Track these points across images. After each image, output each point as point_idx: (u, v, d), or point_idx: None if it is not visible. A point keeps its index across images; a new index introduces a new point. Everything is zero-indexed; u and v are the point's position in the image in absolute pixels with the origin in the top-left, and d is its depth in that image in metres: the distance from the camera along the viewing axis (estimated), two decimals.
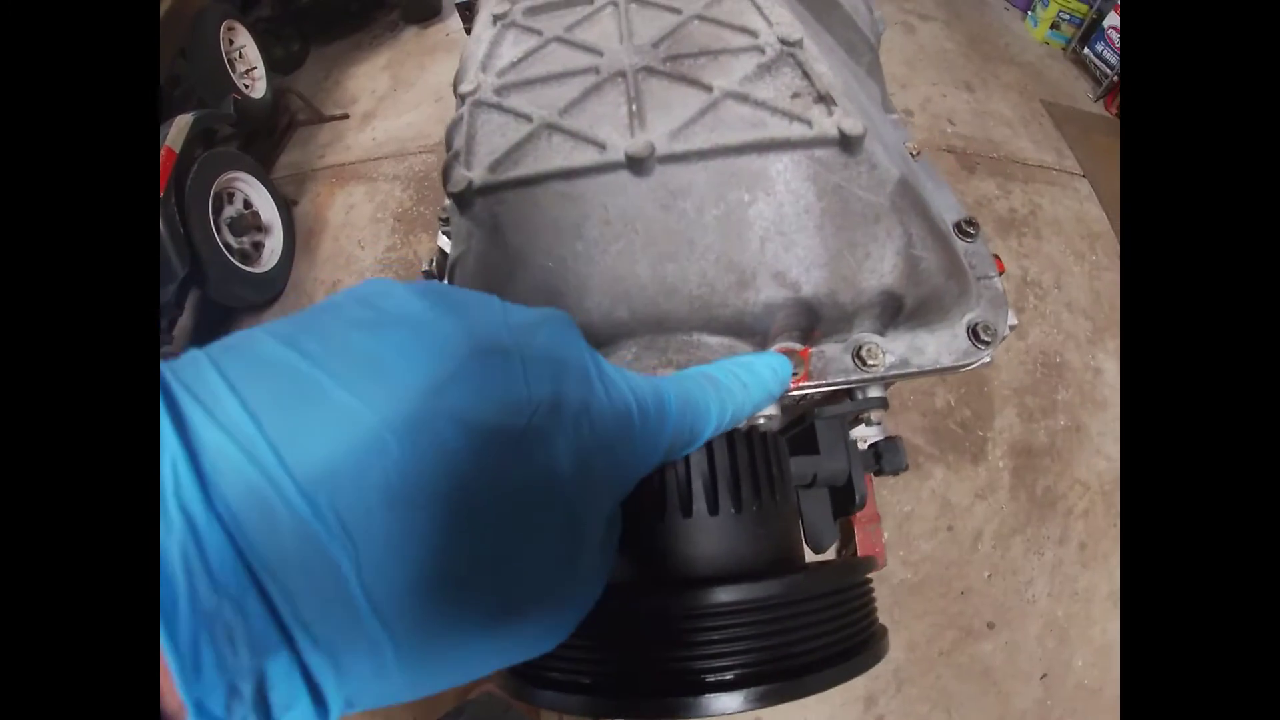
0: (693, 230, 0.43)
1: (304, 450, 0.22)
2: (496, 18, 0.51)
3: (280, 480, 0.21)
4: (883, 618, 0.79)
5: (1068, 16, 3.49)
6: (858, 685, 1.76)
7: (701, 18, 0.49)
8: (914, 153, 0.63)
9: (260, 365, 0.24)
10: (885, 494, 1.99)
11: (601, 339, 0.45)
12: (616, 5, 0.51)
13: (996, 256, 0.59)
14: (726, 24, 0.49)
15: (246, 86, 3.00)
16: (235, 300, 2.43)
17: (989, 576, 1.94)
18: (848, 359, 0.51)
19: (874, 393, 0.56)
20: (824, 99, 0.45)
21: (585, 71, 0.46)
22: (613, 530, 0.31)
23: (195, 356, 0.24)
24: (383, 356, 0.25)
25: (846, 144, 0.43)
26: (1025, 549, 1.98)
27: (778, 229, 0.44)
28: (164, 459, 0.20)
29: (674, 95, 0.45)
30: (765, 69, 0.46)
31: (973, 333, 0.54)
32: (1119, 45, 3.15)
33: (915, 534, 1.97)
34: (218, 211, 2.36)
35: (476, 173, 0.42)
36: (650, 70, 0.46)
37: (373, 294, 0.28)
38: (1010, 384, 2.24)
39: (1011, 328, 0.55)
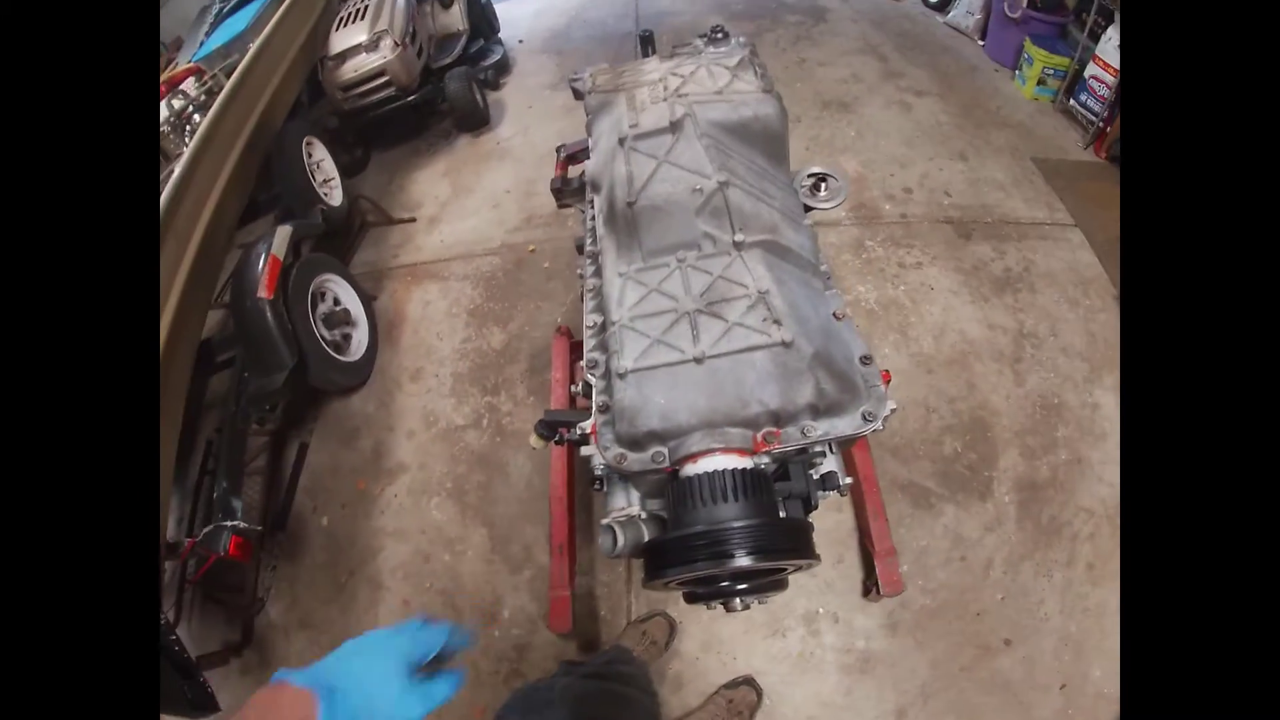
0: (723, 385, 0.91)
1: None
2: (621, 274, 0.99)
3: None
4: (906, 638, 1.26)
5: (1052, 71, 3.80)
6: (888, 698, 2.02)
7: (722, 278, 0.97)
8: (839, 316, 1.02)
9: None
10: (902, 532, 2.27)
11: (684, 431, 0.91)
12: (681, 264, 0.96)
13: (885, 371, 0.97)
14: (734, 280, 0.98)
15: (326, 195, 3.43)
16: (331, 385, 2.84)
17: (1002, 599, 2.16)
18: (797, 433, 0.92)
19: (818, 449, 0.96)
20: (778, 322, 0.88)
21: (669, 311, 0.98)
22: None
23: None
24: None
25: (785, 344, 0.87)
26: (1035, 572, 2.20)
27: (758, 381, 0.90)
28: None
29: (711, 324, 0.95)
30: (751, 307, 0.94)
31: (863, 416, 0.93)
32: (1103, 94, 3.43)
33: (931, 565, 2.23)
34: (314, 309, 2.78)
35: (626, 362, 0.92)
36: (700, 310, 0.97)
37: None
38: (1011, 427, 2.51)
39: (892, 410, 0.94)
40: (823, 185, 1.26)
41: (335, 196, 3.53)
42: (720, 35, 1.47)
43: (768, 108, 1.23)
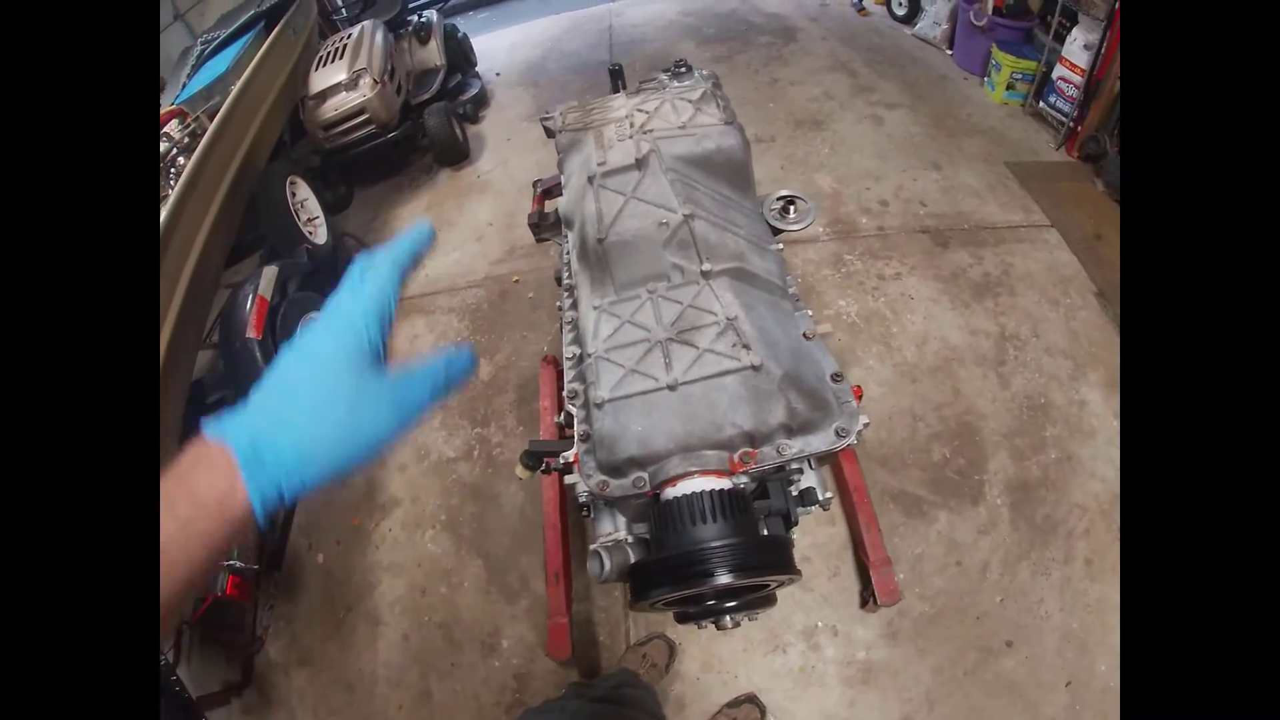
0: (696, 409, 0.93)
1: None
2: (595, 307, 1.03)
3: None
4: (907, 646, 1.27)
5: (1020, 75, 3.88)
6: (893, 708, 2.02)
7: (692, 306, 1.01)
8: (809, 336, 1.05)
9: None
10: (896, 541, 2.28)
11: (662, 457, 0.93)
12: (652, 295, 0.99)
13: (857, 387, 1.00)
14: (703, 309, 1.01)
15: (311, 233, 3.47)
16: None
17: (1001, 601, 2.16)
18: (773, 452, 0.94)
19: (794, 467, 0.98)
20: (747, 346, 0.91)
21: (642, 341, 1.00)
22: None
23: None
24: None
25: (755, 368, 0.90)
26: (1032, 572, 2.21)
27: (730, 405, 0.92)
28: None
29: (683, 351, 0.97)
30: (721, 333, 0.97)
31: (836, 432, 0.95)
32: (1071, 95, 3.50)
33: (927, 572, 2.24)
34: None
35: (603, 393, 0.95)
36: (671, 340, 0.99)
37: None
38: (999, 430, 2.53)
39: (866, 425, 0.96)
40: (791, 208, 1.30)
41: (320, 234, 3.56)
42: (683, 69, 1.51)
43: (730, 139, 1.26)
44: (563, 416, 1.06)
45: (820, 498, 0.99)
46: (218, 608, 2.20)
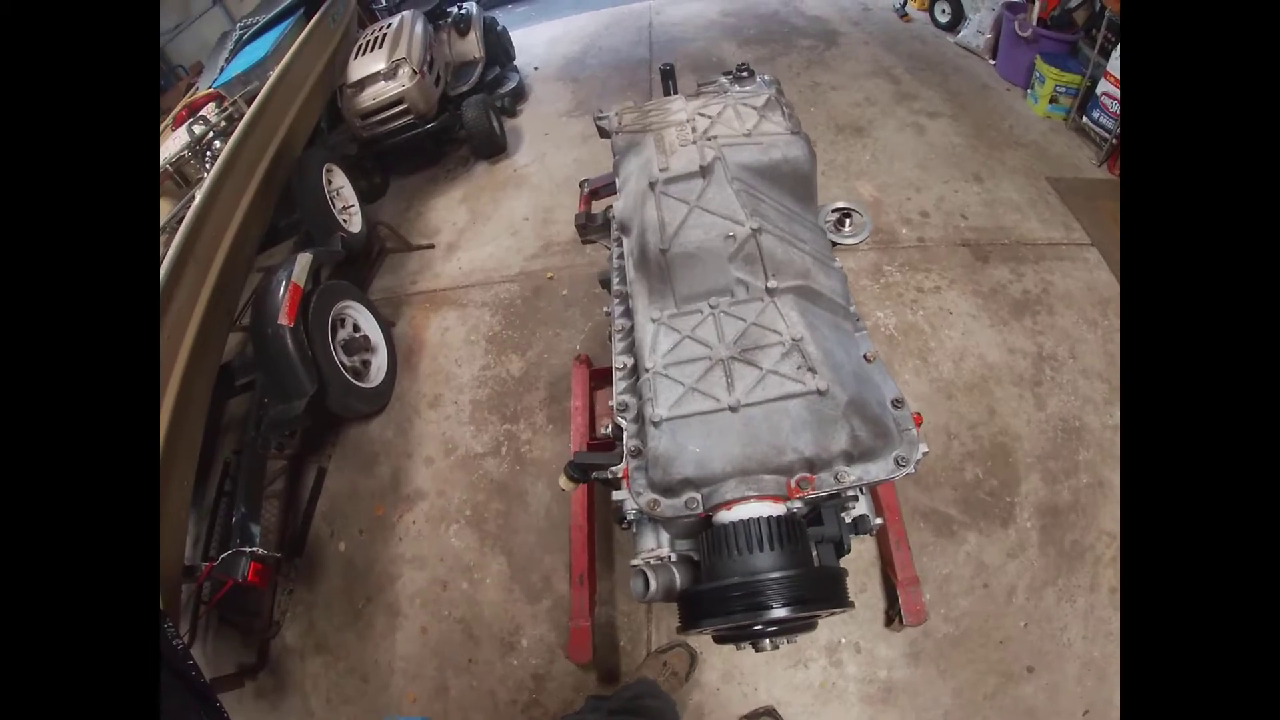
0: (757, 432, 0.91)
1: None
2: (654, 320, 0.99)
3: None
4: (929, 667, 1.24)
5: (1064, 89, 3.81)
6: None
7: (756, 324, 0.98)
8: (870, 358, 1.02)
9: None
10: (925, 560, 2.25)
11: (718, 479, 0.91)
12: (714, 310, 0.97)
13: (917, 414, 0.97)
14: (767, 327, 0.99)
15: (345, 221, 3.46)
16: (350, 411, 2.84)
17: (1025, 626, 2.14)
18: (831, 479, 0.92)
19: (850, 494, 0.96)
20: (812, 369, 0.88)
21: (703, 358, 0.98)
22: None
23: None
24: None
25: (820, 393, 0.86)
26: (1058, 598, 2.18)
27: (792, 430, 0.89)
28: None
29: (746, 371, 0.95)
30: (785, 354, 0.94)
31: (896, 461, 0.92)
32: (1115, 111, 3.43)
33: (954, 593, 2.21)
34: (333, 335, 2.80)
35: (661, 411, 0.92)
36: (734, 358, 0.97)
37: None
38: (1033, 453, 2.49)
39: (924, 453, 0.93)
40: (847, 220, 1.27)
41: (355, 223, 3.56)
42: (745, 73, 1.48)
43: (796, 149, 1.23)
44: (610, 428, 1.04)
45: (872, 524, 0.96)
46: (236, 592, 2.21)
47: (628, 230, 1.18)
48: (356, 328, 3.01)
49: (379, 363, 3.05)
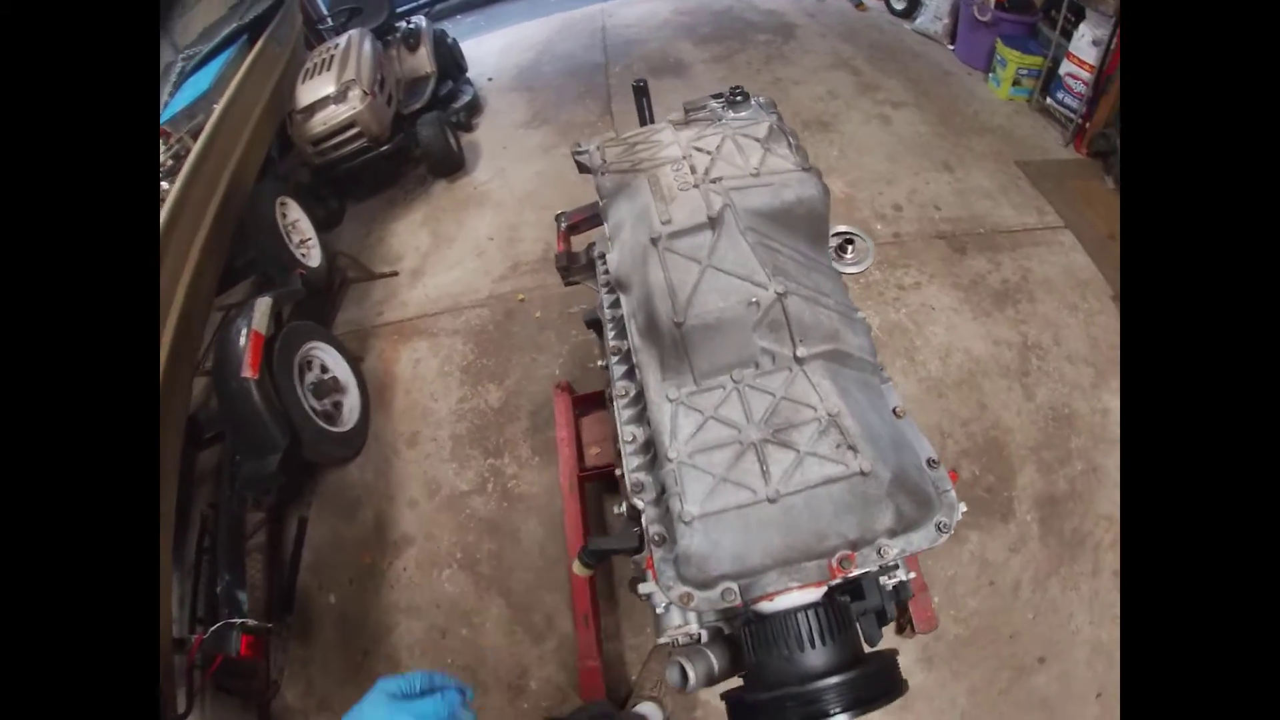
0: (798, 521, 0.85)
1: None
2: (671, 399, 0.92)
3: None
4: (943, 669, 1.17)
5: (1026, 71, 3.84)
6: None
7: (786, 398, 0.91)
8: (899, 414, 0.96)
9: None
10: (930, 564, 2.23)
11: (759, 571, 0.84)
12: (738, 385, 0.93)
13: (953, 471, 0.92)
14: (799, 401, 0.91)
15: (303, 256, 3.30)
16: (326, 458, 2.70)
17: (1033, 618, 2.15)
18: (874, 554, 0.86)
19: (890, 564, 0.91)
20: (853, 448, 0.83)
21: (732, 443, 0.90)
22: None
23: None
24: None
25: (864, 473, 0.82)
26: (1062, 587, 2.20)
27: (835, 514, 0.85)
28: None
29: (781, 454, 0.88)
30: (822, 432, 0.88)
31: (938, 527, 0.88)
32: (1079, 91, 3.46)
33: (961, 594, 2.20)
34: (301, 379, 2.64)
35: (693, 508, 0.85)
36: (766, 440, 0.89)
37: None
38: (1026, 444, 2.49)
39: (963, 512, 0.88)
40: (850, 247, 1.20)
41: (314, 256, 3.40)
42: (740, 97, 1.36)
43: (810, 188, 1.13)
44: (625, 509, 0.96)
45: (911, 590, 0.92)
46: (230, 664, 2.10)
47: (626, 288, 1.07)
48: (325, 369, 2.85)
49: (351, 403, 2.89)
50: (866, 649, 0.88)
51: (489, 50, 5.43)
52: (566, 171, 3.86)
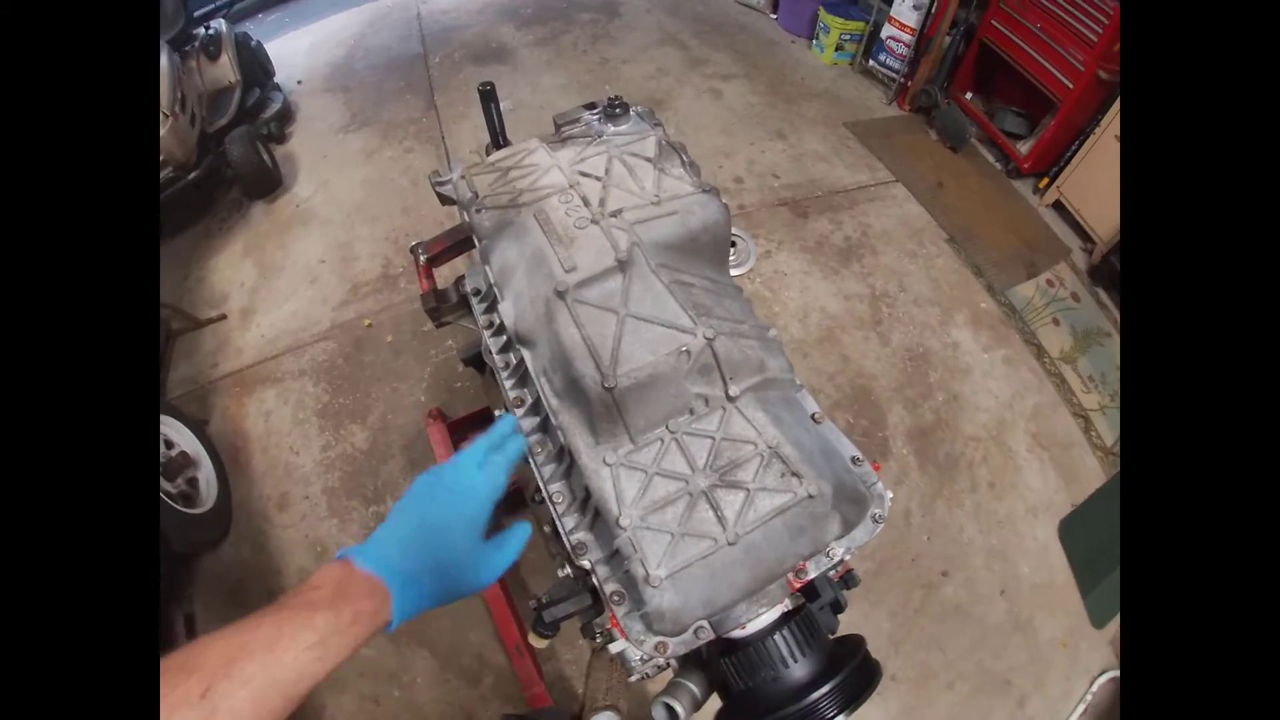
0: (760, 554, 0.86)
1: None
2: (608, 463, 0.90)
3: None
4: (861, 603, 1.78)
5: (849, 36, 4.08)
6: None
7: (725, 439, 0.90)
8: (818, 420, 0.99)
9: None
10: None
11: (729, 606, 0.85)
12: (674, 434, 0.91)
13: (875, 463, 0.97)
14: (738, 439, 0.90)
15: None
16: (195, 546, 2.37)
17: (928, 539, 2.37)
18: (824, 559, 0.90)
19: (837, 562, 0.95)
20: (796, 474, 0.84)
21: (681, 495, 0.88)
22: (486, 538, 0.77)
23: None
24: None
25: (811, 496, 0.86)
26: (948, 507, 2.44)
27: (790, 538, 0.86)
28: None
29: (731, 496, 0.87)
30: (765, 465, 0.88)
31: (874, 519, 0.93)
32: (901, 53, 3.72)
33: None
34: None
35: (659, 571, 0.83)
36: (715, 485, 0.88)
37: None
38: (890, 386, 2.72)
39: (890, 500, 0.94)
40: (731, 250, 1.19)
41: None
42: (618, 109, 1.25)
43: (714, 211, 1.07)
44: (571, 571, 0.92)
45: (858, 578, 0.96)
46: None
47: (529, 344, 0.99)
48: (169, 444, 2.44)
49: (206, 476, 2.49)
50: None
51: (295, 50, 4.85)
52: (394, 176, 3.64)
